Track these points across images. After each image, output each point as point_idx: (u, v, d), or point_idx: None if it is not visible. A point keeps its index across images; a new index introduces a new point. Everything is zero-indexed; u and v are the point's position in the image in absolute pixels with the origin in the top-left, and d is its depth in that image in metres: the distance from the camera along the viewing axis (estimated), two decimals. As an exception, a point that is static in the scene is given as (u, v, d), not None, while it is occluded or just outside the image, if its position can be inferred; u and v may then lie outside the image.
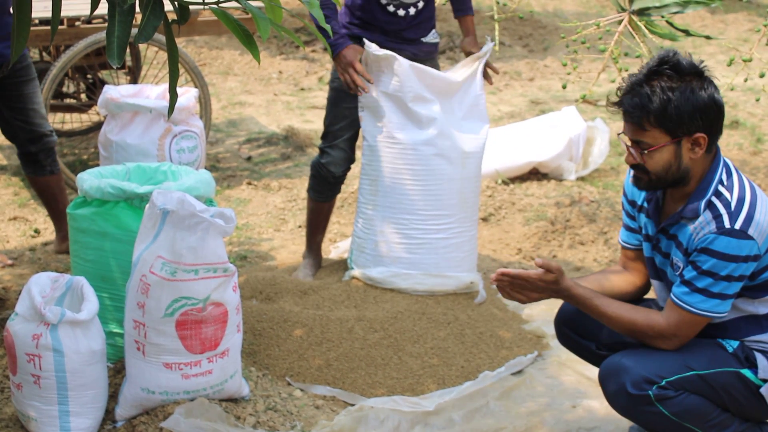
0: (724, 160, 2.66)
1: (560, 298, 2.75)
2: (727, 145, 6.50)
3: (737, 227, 2.53)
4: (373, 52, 3.75)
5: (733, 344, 2.67)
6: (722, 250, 2.53)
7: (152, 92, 4.41)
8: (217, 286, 2.86)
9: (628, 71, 3.35)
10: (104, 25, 5.23)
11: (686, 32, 3.58)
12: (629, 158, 2.66)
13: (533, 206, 5.22)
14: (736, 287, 2.57)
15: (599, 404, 3.27)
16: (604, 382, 2.70)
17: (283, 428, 3.03)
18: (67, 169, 5.16)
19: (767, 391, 2.64)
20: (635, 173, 2.69)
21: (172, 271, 2.80)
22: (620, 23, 3.53)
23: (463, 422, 3.20)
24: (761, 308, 2.66)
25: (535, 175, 5.79)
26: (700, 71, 2.59)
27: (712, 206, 2.59)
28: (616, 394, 2.66)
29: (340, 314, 3.67)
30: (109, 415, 2.98)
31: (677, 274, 2.68)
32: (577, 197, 5.27)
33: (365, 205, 3.96)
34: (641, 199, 2.84)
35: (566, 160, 5.76)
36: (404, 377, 3.44)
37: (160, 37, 5.03)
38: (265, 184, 5.62)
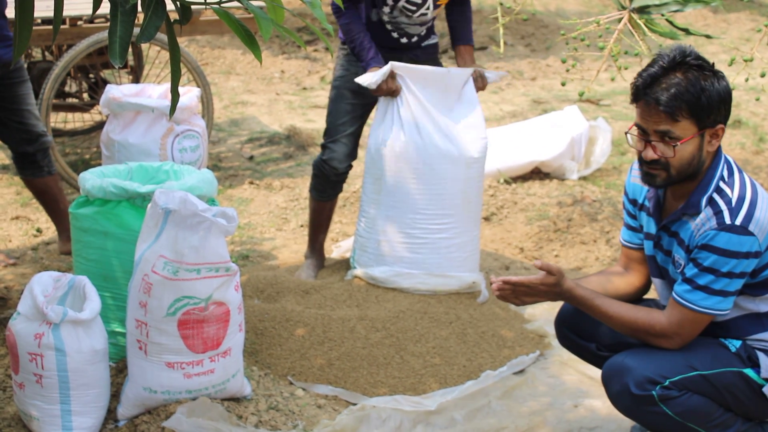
0: (725, 156, 2.66)
1: (562, 300, 2.75)
2: (729, 144, 6.49)
3: (738, 223, 2.52)
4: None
5: (735, 344, 2.67)
6: (723, 246, 2.53)
7: (154, 92, 4.41)
8: (219, 285, 2.86)
9: (628, 69, 3.35)
10: (106, 24, 5.24)
11: (686, 31, 3.57)
12: (649, 153, 2.59)
13: (535, 206, 5.22)
14: (737, 284, 2.57)
15: (601, 404, 3.26)
16: (607, 382, 2.70)
17: (285, 427, 3.03)
18: (69, 168, 5.17)
19: None
20: (649, 170, 2.62)
21: (174, 270, 2.80)
22: (620, 21, 3.53)
23: (464, 421, 3.20)
24: (762, 306, 2.66)
25: (537, 174, 5.79)
26: (712, 65, 2.59)
27: (713, 202, 2.58)
28: (619, 394, 2.65)
29: (342, 314, 3.67)
30: (111, 414, 2.98)
31: (679, 271, 2.68)
32: (579, 197, 5.27)
33: (368, 204, 3.96)
34: (642, 197, 2.83)
35: (568, 159, 5.76)
36: (406, 376, 3.44)
37: (162, 36, 5.03)
38: (267, 183, 5.63)
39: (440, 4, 3.89)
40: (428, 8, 3.86)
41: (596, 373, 3.50)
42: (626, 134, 2.68)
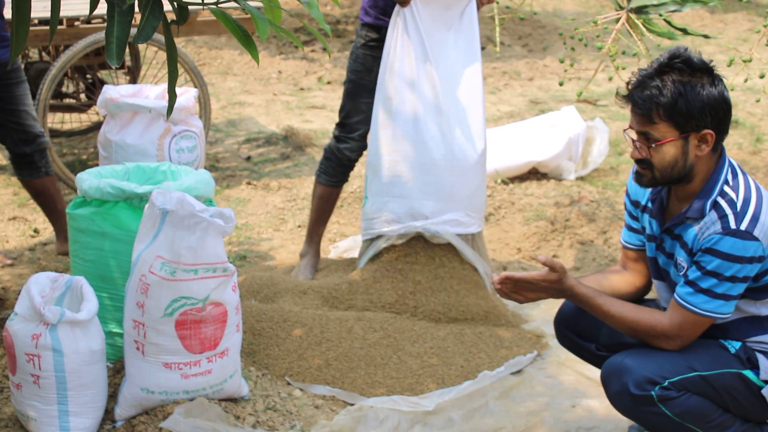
0: (729, 160, 2.66)
1: (563, 297, 2.75)
2: (726, 144, 6.47)
3: (743, 228, 2.52)
4: None
5: (735, 345, 2.67)
6: (727, 250, 2.52)
7: (151, 92, 4.41)
8: (216, 285, 2.86)
9: (625, 69, 3.36)
10: (103, 25, 5.23)
11: (684, 31, 3.58)
12: (634, 153, 2.64)
13: (533, 206, 5.23)
14: (740, 288, 2.57)
15: (599, 404, 3.27)
16: (606, 382, 2.70)
17: (282, 428, 3.03)
18: (66, 168, 5.16)
19: None
20: (638, 169, 2.68)
21: (171, 270, 2.80)
22: (618, 21, 3.53)
23: (462, 422, 3.20)
24: (763, 310, 2.66)
25: (534, 174, 5.79)
26: (710, 68, 2.59)
27: (717, 206, 2.58)
28: (618, 394, 2.65)
29: (339, 314, 3.67)
30: (108, 414, 2.98)
31: (681, 274, 2.67)
32: (576, 197, 5.27)
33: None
34: (645, 199, 2.83)
35: (566, 159, 5.76)
36: (404, 377, 3.44)
37: (159, 37, 5.03)
38: (264, 183, 5.62)
39: None
40: None
41: (594, 373, 3.50)
42: (624, 132, 2.72)
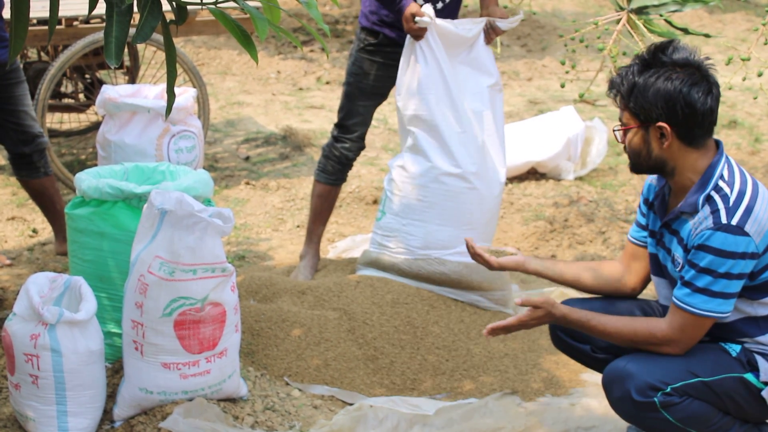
0: (726, 156, 2.66)
1: (560, 324, 2.79)
2: (725, 144, 6.50)
3: (734, 223, 2.52)
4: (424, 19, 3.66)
5: (735, 348, 2.66)
6: (718, 246, 2.52)
7: (150, 92, 4.41)
8: (215, 286, 2.86)
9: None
10: (102, 24, 5.23)
11: (685, 31, 3.58)
12: (619, 136, 2.72)
13: (531, 206, 5.23)
14: (737, 285, 2.56)
15: (597, 403, 3.27)
16: (608, 387, 2.69)
17: (281, 428, 3.03)
18: (65, 168, 5.16)
19: None
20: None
21: (170, 271, 2.79)
22: (618, 22, 3.53)
23: (461, 421, 3.19)
24: (760, 310, 2.65)
25: (533, 174, 5.79)
26: (693, 64, 2.59)
27: (710, 201, 2.58)
28: (620, 400, 2.65)
29: (337, 314, 3.67)
30: (107, 415, 2.98)
31: (677, 269, 2.67)
32: (575, 197, 5.27)
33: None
34: (652, 195, 2.85)
35: (564, 159, 5.76)
36: (403, 377, 3.44)
37: (158, 36, 5.02)
38: (263, 184, 5.62)
39: None
40: None
41: (592, 372, 3.50)
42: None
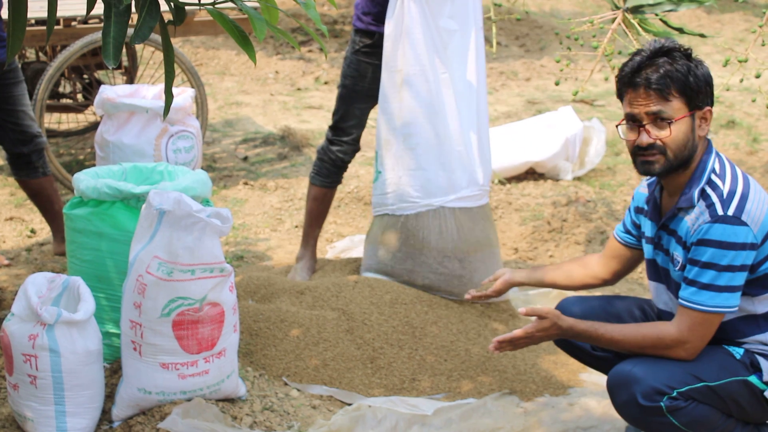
0: (716, 151, 2.68)
1: (566, 337, 2.78)
2: (723, 144, 6.51)
3: (730, 213, 2.53)
4: None
5: (739, 351, 2.66)
6: (718, 238, 2.53)
7: (149, 92, 4.41)
8: (213, 286, 2.86)
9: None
10: (100, 25, 5.23)
11: (681, 30, 3.58)
12: (645, 138, 2.60)
13: (530, 206, 5.23)
14: (741, 278, 2.56)
15: (596, 403, 3.27)
16: (613, 391, 2.68)
17: (279, 428, 3.03)
18: (63, 169, 5.16)
19: None
20: (648, 157, 2.63)
21: (168, 271, 2.79)
22: (614, 21, 3.53)
23: (460, 421, 3.20)
24: (759, 307, 2.65)
25: (531, 174, 5.79)
26: (690, 55, 2.66)
27: (705, 195, 2.59)
28: (626, 404, 2.64)
29: (336, 314, 3.67)
30: (105, 415, 2.98)
31: (677, 269, 2.68)
32: (573, 197, 5.27)
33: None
34: (642, 203, 2.86)
35: (563, 160, 5.77)
36: (401, 377, 3.44)
37: (156, 37, 5.02)
38: (261, 184, 5.62)
39: None
40: None
41: (592, 372, 3.50)
42: (617, 127, 2.72)
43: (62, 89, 5.98)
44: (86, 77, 5.73)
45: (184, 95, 4.31)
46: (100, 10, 2.00)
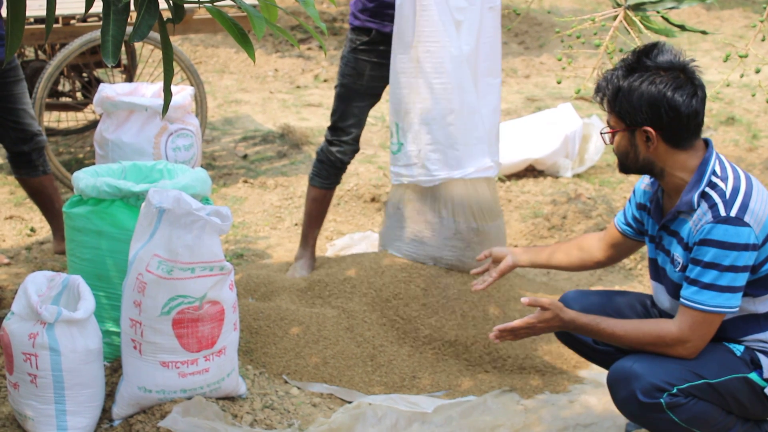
0: (717, 154, 2.67)
1: (567, 330, 2.78)
2: (723, 141, 6.51)
3: (733, 214, 2.53)
4: None
5: (739, 348, 2.66)
6: (720, 238, 2.53)
7: (148, 90, 4.40)
8: (213, 284, 2.86)
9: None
10: (99, 23, 5.23)
11: (682, 27, 3.58)
12: (607, 140, 2.74)
13: (529, 203, 5.23)
14: (743, 279, 2.56)
15: (596, 400, 3.27)
16: (613, 387, 2.68)
17: (280, 426, 3.03)
18: (62, 167, 5.16)
19: None
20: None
21: (168, 269, 2.79)
22: (615, 18, 3.53)
23: (460, 419, 3.20)
24: (761, 307, 2.65)
25: (531, 172, 5.79)
26: (678, 67, 2.60)
27: (706, 196, 2.59)
28: (625, 400, 2.64)
29: (336, 312, 3.67)
30: (106, 413, 2.98)
31: (677, 270, 2.68)
32: (573, 194, 5.27)
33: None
34: (647, 200, 2.86)
35: (562, 157, 5.77)
36: (401, 375, 3.44)
37: (155, 35, 5.02)
38: (261, 182, 5.62)
39: None
40: None
41: (592, 370, 3.50)
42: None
43: (61, 88, 5.97)
44: (85, 75, 5.73)
45: (183, 93, 4.30)
46: (99, 8, 2.00)
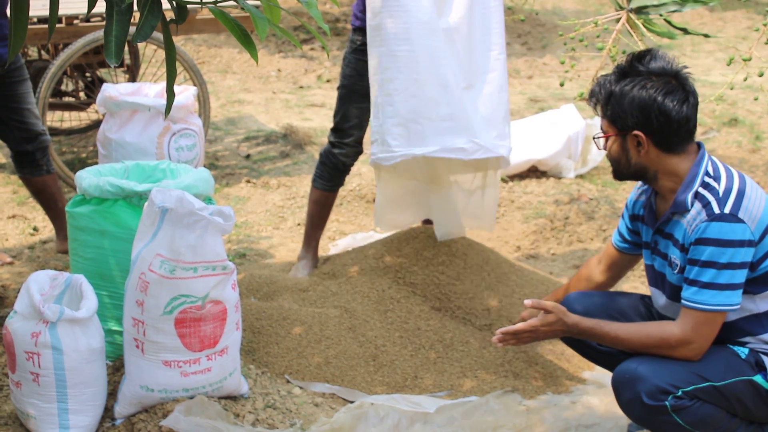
0: (709, 156, 2.69)
1: (570, 335, 2.78)
2: (726, 142, 6.50)
3: (726, 211, 2.54)
4: None
5: (744, 351, 2.66)
6: (716, 236, 2.54)
7: (151, 90, 4.41)
8: (216, 283, 2.86)
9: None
10: (102, 23, 5.23)
11: (684, 30, 3.58)
12: (600, 145, 2.78)
13: (532, 204, 5.23)
14: (741, 275, 2.56)
15: (598, 401, 3.27)
16: (617, 389, 2.68)
17: (282, 426, 3.04)
18: (65, 167, 5.16)
19: None
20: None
21: (171, 268, 2.80)
22: (618, 21, 3.53)
23: (462, 419, 3.20)
24: (762, 305, 2.65)
25: (534, 172, 5.79)
26: (670, 73, 2.62)
27: (699, 196, 2.60)
28: (630, 402, 2.64)
29: (338, 312, 3.67)
30: (108, 412, 2.98)
31: (675, 272, 2.68)
32: (576, 195, 5.27)
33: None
34: (639, 209, 2.88)
35: (565, 157, 5.77)
36: (404, 375, 3.44)
37: (158, 35, 5.03)
38: (264, 182, 5.63)
39: None
40: None
41: (593, 370, 3.50)
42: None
43: (65, 87, 5.98)
44: (88, 75, 5.73)
45: (186, 93, 4.31)
46: (102, 8, 2.00)
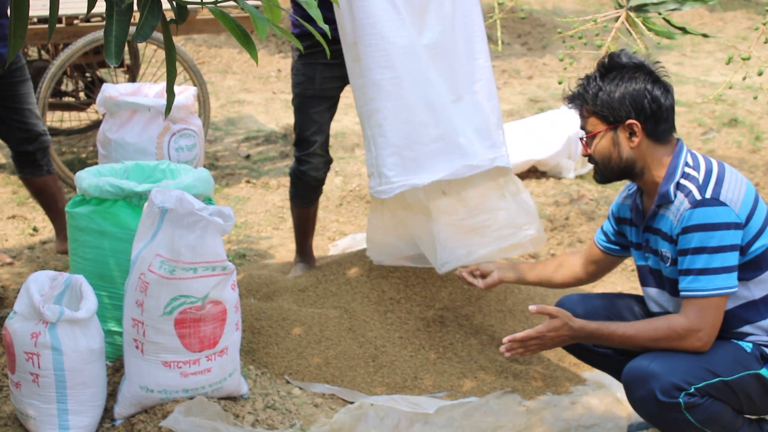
0: (687, 149, 2.72)
1: (577, 340, 2.76)
2: (726, 143, 6.50)
3: (707, 196, 2.58)
4: None
5: (748, 345, 2.67)
6: (701, 221, 2.57)
7: (151, 90, 4.41)
8: (215, 284, 2.86)
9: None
10: (102, 23, 5.23)
11: (683, 30, 3.58)
12: (581, 150, 2.80)
13: (532, 204, 5.22)
14: (733, 257, 2.58)
15: (598, 402, 3.27)
16: (630, 387, 2.67)
17: (281, 426, 3.03)
18: (65, 167, 5.16)
19: None
20: (593, 166, 2.82)
21: (170, 269, 2.80)
22: (617, 20, 3.53)
23: (462, 420, 3.20)
24: (756, 292, 2.66)
25: (534, 173, 5.79)
26: (646, 68, 2.70)
27: (681, 187, 2.65)
28: (643, 400, 2.63)
29: (338, 312, 3.67)
30: (107, 413, 2.98)
31: (668, 265, 2.69)
32: (576, 195, 5.27)
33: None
34: (626, 212, 2.91)
35: (565, 158, 5.77)
36: (403, 375, 3.44)
37: (158, 35, 5.02)
38: (263, 182, 5.63)
39: None
40: None
41: (593, 370, 3.50)
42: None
43: (64, 87, 5.98)
44: (88, 75, 5.73)
45: (186, 93, 4.31)
46: (102, 8, 2.00)
